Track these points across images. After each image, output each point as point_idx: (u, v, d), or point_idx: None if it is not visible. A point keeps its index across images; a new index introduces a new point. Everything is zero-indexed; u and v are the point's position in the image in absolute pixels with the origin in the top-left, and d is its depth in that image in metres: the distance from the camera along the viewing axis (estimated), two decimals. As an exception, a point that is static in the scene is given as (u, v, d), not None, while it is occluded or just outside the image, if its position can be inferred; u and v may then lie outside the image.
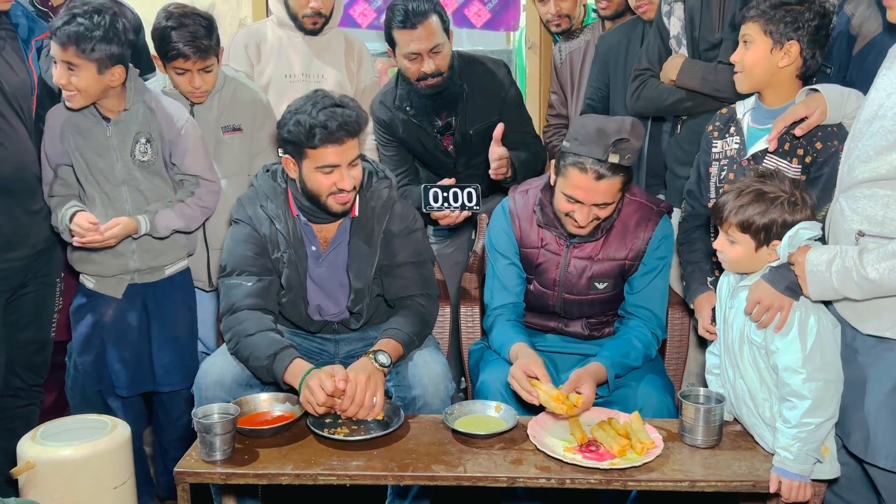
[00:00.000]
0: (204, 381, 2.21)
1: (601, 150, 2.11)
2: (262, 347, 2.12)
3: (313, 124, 2.09)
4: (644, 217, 2.32)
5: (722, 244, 1.96)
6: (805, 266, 1.81)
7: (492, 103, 2.81)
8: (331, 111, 2.10)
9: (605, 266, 2.34)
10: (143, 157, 2.43)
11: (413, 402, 2.19)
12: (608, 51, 2.98)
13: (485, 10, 3.72)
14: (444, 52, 2.68)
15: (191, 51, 2.46)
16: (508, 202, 2.44)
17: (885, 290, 1.74)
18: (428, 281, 2.36)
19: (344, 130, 2.10)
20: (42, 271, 2.54)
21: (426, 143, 2.84)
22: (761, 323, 1.89)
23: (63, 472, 2.14)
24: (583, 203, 2.19)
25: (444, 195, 2.58)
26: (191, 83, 2.53)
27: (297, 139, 2.12)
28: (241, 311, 2.20)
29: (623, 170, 2.16)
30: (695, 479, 1.84)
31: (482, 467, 1.88)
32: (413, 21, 2.60)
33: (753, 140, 2.17)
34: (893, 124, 1.73)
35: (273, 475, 1.87)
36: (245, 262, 2.25)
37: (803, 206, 1.88)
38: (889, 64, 1.82)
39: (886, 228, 1.75)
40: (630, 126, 2.14)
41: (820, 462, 1.88)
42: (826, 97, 2.03)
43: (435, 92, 2.73)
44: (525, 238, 2.39)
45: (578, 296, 2.38)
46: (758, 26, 2.08)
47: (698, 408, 1.96)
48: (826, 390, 1.84)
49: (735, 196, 1.91)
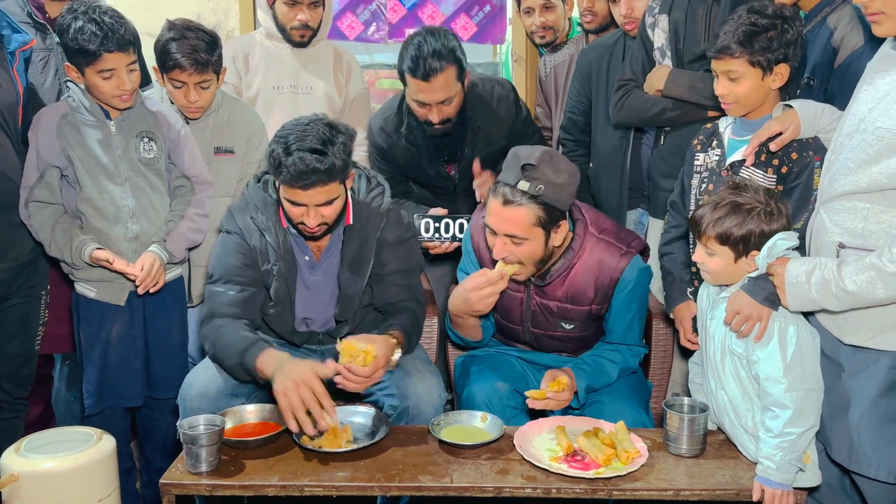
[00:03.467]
0: (188, 392, 2.21)
1: (513, 176, 2.08)
2: (234, 343, 2.12)
3: (283, 163, 2.05)
4: (611, 258, 2.22)
5: (701, 257, 1.98)
6: (784, 277, 1.83)
7: (500, 130, 2.76)
8: (305, 155, 2.02)
9: (570, 310, 2.29)
10: (149, 155, 2.44)
11: (406, 412, 2.19)
12: (589, 65, 3.00)
13: (471, 23, 3.75)
14: (455, 102, 2.58)
15: (188, 62, 2.46)
16: (472, 227, 2.40)
17: (864, 302, 1.76)
18: (416, 289, 2.37)
19: (313, 178, 2.05)
20: (27, 283, 2.52)
21: (428, 169, 2.80)
22: (741, 333, 1.91)
23: (47, 484, 2.12)
24: (495, 232, 2.13)
25: (436, 226, 2.59)
26: (186, 97, 2.52)
27: (271, 165, 2.12)
28: (220, 317, 2.20)
29: (536, 202, 2.07)
30: (679, 487, 1.86)
31: (469, 477, 1.89)
32: (426, 73, 2.47)
33: (733, 150, 2.20)
34: (874, 139, 1.76)
35: (259, 486, 1.87)
36: (231, 272, 2.24)
37: (779, 215, 1.91)
38: (870, 79, 1.85)
39: (866, 241, 1.77)
40: (540, 153, 2.07)
41: (802, 470, 1.89)
42: (800, 113, 2.07)
43: (443, 134, 2.65)
44: (484, 265, 2.33)
45: (547, 331, 2.35)
46: (742, 61, 2.08)
47: (682, 417, 1.97)
48: (807, 399, 1.86)
49: (712, 209, 1.93)
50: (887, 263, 1.69)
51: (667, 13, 2.54)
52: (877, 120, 1.76)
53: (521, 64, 3.67)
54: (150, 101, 2.51)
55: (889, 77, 1.79)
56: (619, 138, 2.86)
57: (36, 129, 2.39)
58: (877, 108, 1.77)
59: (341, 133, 2.11)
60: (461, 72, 2.56)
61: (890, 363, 1.81)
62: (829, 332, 1.90)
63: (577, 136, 3.09)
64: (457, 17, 3.73)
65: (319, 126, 2.09)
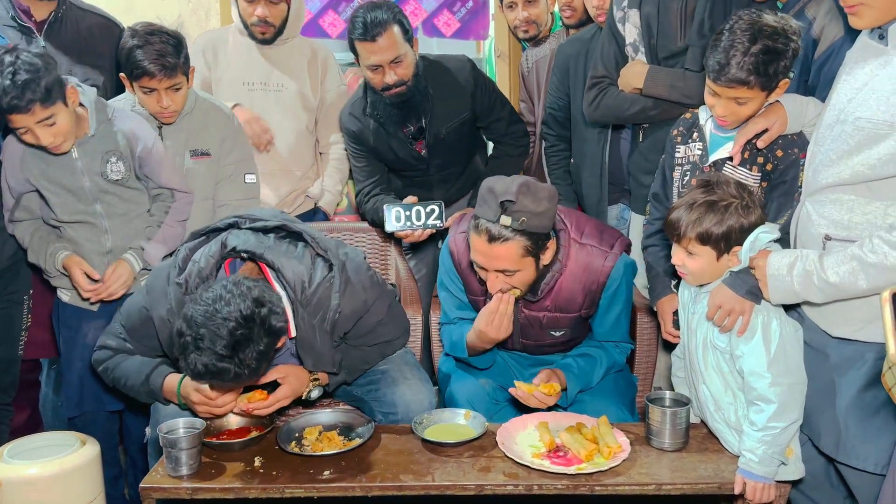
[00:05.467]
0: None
1: (492, 212, 2.02)
2: (134, 370, 2.12)
3: (187, 360, 1.87)
4: (596, 262, 2.20)
5: (681, 258, 1.95)
6: (766, 270, 1.83)
7: (460, 100, 2.80)
8: (209, 362, 1.85)
9: (559, 318, 2.27)
10: (116, 176, 2.40)
11: (396, 423, 2.18)
12: (567, 60, 2.98)
13: (454, 19, 3.74)
14: (406, 62, 2.65)
15: (156, 68, 2.39)
16: (450, 242, 2.34)
17: (846, 294, 1.75)
18: (390, 342, 2.29)
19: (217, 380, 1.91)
20: (8, 289, 2.52)
21: (398, 150, 2.83)
22: (723, 327, 1.90)
23: (31, 490, 2.13)
24: (486, 269, 2.10)
25: (407, 214, 2.59)
26: (159, 103, 2.46)
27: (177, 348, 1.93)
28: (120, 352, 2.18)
29: (522, 234, 2.03)
30: (661, 482, 1.86)
31: (451, 476, 1.88)
32: (372, 33, 2.56)
33: (716, 146, 2.18)
34: (854, 129, 1.75)
35: (240, 489, 1.87)
36: (149, 351, 2.18)
37: (754, 206, 1.90)
38: (849, 69, 1.84)
39: (852, 232, 1.76)
40: (517, 187, 2.01)
41: (784, 464, 1.90)
42: (786, 108, 2.04)
43: (401, 101, 2.71)
44: (469, 285, 2.31)
45: (536, 341, 2.34)
46: (756, 90, 2.00)
47: (664, 411, 1.97)
48: (791, 393, 1.86)
49: (687, 210, 1.90)
50: (868, 254, 1.69)
51: (637, 7, 2.48)
52: (856, 110, 1.75)
53: (504, 59, 3.66)
54: (119, 115, 2.45)
55: (868, 67, 1.78)
56: (598, 134, 2.84)
57: (3, 158, 2.36)
58: (856, 99, 1.76)
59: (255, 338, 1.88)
60: (406, 33, 2.63)
61: (876, 354, 1.80)
62: (817, 324, 1.89)
63: (559, 132, 3.08)
64: (439, 14, 3.72)
65: (232, 324, 1.84)
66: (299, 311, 2.05)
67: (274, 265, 2.05)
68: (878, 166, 1.71)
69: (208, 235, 2.17)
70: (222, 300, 1.85)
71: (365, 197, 2.88)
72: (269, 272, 2.07)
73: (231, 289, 1.88)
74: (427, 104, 2.75)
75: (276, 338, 1.92)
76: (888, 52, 1.74)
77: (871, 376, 1.82)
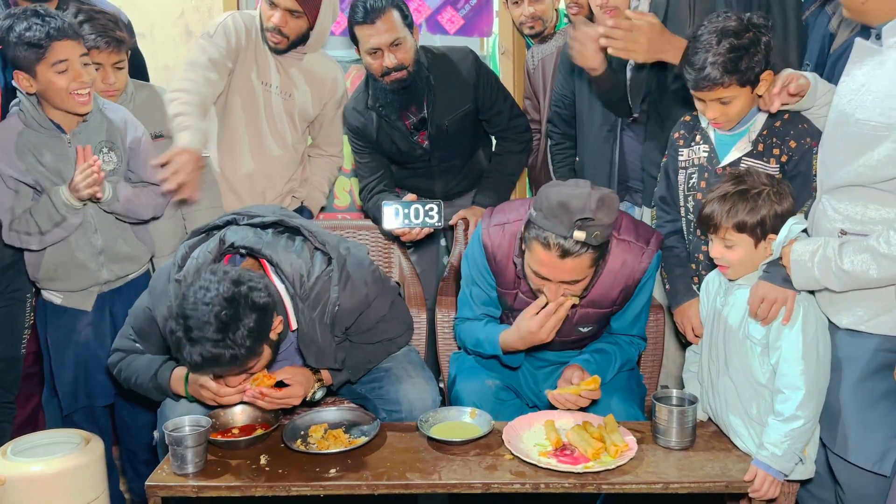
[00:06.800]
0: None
1: (565, 227, 1.96)
2: (144, 367, 2.15)
3: (182, 352, 1.89)
4: (633, 259, 2.16)
5: (719, 251, 1.98)
6: (790, 256, 1.86)
7: (462, 92, 2.80)
8: (205, 349, 1.85)
9: (591, 313, 2.24)
10: (109, 167, 2.40)
11: (399, 421, 2.18)
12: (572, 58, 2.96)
13: (458, 16, 3.72)
14: (405, 46, 2.66)
15: (103, 42, 2.41)
16: (483, 235, 2.26)
17: (859, 282, 1.78)
18: (394, 340, 2.29)
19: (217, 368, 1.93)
20: (10, 287, 2.50)
21: (400, 142, 2.82)
22: (766, 319, 1.90)
23: (34, 488, 2.12)
24: (550, 280, 2.07)
25: (405, 211, 2.58)
26: (105, 80, 2.47)
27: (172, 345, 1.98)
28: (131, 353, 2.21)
29: (592, 247, 2.01)
30: (668, 480, 1.85)
31: (457, 474, 1.88)
32: (372, 16, 2.60)
33: (725, 147, 2.18)
34: (855, 131, 1.78)
35: (246, 487, 1.86)
36: (157, 350, 2.20)
37: (786, 193, 1.94)
38: (847, 69, 1.86)
39: (867, 227, 1.80)
40: (596, 203, 1.96)
41: (802, 462, 1.90)
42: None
43: (401, 87, 2.70)
44: (501, 278, 2.26)
45: (562, 337, 2.26)
46: (732, 87, 2.02)
47: (671, 409, 1.97)
48: (818, 382, 1.88)
49: (720, 202, 1.94)
50: (882, 244, 1.73)
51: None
52: (855, 112, 1.79)
53: (509, 56, 3.64)
54: (108, 105, 2.44)
55: (864, 67, 1.81)
56: (607, 132, 2.83)
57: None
58: (855, 100, 1.80)
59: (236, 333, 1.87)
60: (405, 19, 2.68)
61: (877, 345, 1.84)
62: (828, 316, 1.92)
63: (564, 130, 3.07)
64: (443, 10, 3.70)
65: (218, 307, 1.85)
66: (299, 305, 2.05)
67: (272, 260, 2.05)
68: (878, 168, 1.75)
69: (207, 233, 2.17)
70: (203, 289, 1.87)
71: (368, 194, 2.88)
72: (268, 267, 2.07)
73: (209, 277, 1.90)
74: (429, 94, 2.76)
75: (263, 313, 1.90)
76: (883, 53, 1.78)
77: (870, 366, 1.85)
